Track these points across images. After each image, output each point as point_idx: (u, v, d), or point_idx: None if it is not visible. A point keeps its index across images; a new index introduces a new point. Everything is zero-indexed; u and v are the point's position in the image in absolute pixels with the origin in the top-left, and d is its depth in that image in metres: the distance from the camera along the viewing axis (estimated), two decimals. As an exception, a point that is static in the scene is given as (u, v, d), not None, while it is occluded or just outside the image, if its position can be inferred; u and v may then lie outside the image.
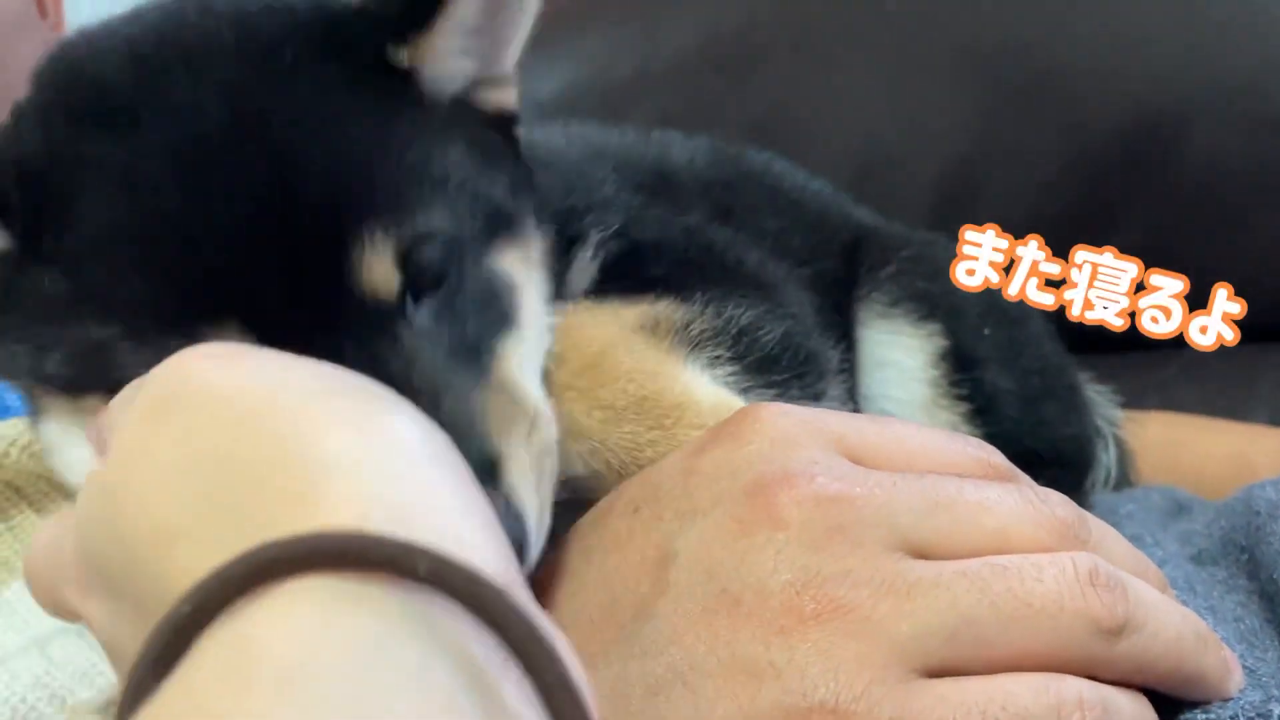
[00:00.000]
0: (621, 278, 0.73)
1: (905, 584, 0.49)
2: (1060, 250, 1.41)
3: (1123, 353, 1.22)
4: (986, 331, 0.99)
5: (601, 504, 0.61)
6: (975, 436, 0.91)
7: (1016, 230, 1.27)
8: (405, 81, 0.62)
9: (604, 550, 0.56)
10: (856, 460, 0.55)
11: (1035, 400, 0.99)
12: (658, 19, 1.76)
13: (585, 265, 0.74)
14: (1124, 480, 1.08)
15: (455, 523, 0.39)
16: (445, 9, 0.61)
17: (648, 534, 0.55)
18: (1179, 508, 0.88)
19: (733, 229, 0.90)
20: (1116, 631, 0.49)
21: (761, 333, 0.72)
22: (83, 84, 0.60)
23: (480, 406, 0.56)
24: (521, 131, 0.72)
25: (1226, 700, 0.53)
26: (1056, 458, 0.98)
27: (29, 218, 0.58)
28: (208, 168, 0.55)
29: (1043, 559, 0.50)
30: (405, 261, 0.56)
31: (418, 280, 0.57)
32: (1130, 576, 0.52)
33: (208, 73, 0.57)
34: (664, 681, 0.49)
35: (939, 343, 0.96)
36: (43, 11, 1.29)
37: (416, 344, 0.56)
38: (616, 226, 0.75)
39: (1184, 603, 0.57)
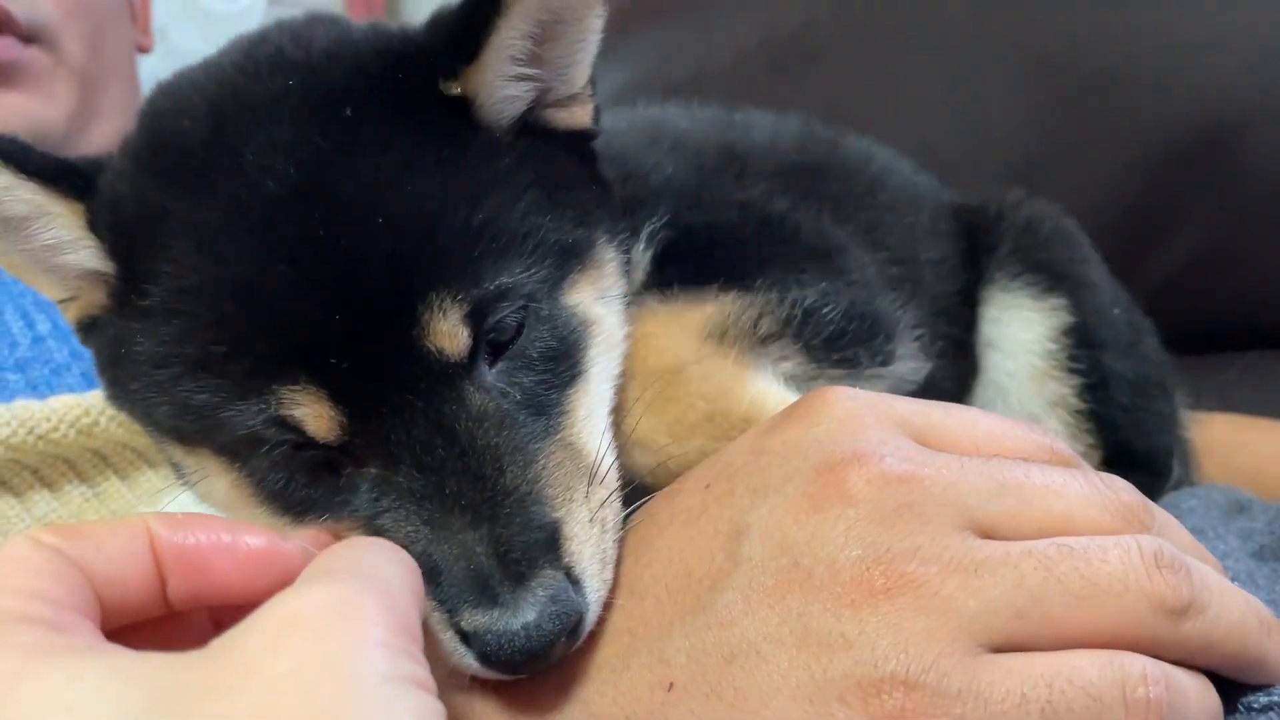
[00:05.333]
0: (679, 264, 0.74)
1: (973, 561, 0.50)
2: (1122, 253, 1.41)
3: (1183, 355, 1.21)
4: (1117, 311, 0.98)
5: (673, 483, 0.63)
6: (1082, 411, 0.92)
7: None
8: (463, 115, 0.63)
9: (677, 525, 0.58)
10: (923, 442, 0.56)
11: (1146, 393, 0.98)
12: (715, 20, 1.77)
13: (639, 258, 0.74)
14: (1186, 481, 1.08)
15: None
16: (490, 40, 0.62)
17: (720, 509, 0.57)
18: (1240, 506, 0.88)
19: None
20: (1181, 612, 0.50)
21: (826, 310, 0.73)
22: (165, 139, 0.62)
23: (543, 471, 0.58)
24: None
25: (1288, 684, 0.54)
26: (1146, 461, 0.97)
27: (124, 267, 0.61)
28: (274, 229, 0.56)
29: (1108, 540, 0.51)
30: (475, 323, 0.57)
31: (490, 339, 0.59)
32: (1194, 560, 0.52)
33: (275, 132, 0.58)
34: (739, 651, 0.51)
35: (1064, 318, 0.96)
36: (133, 15, 1.34)
37: (484, 406, 0.58)
38: (668, 217, 0.76)
39: (1246, 594, 0.58)
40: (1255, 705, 0.53)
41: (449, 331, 0.56)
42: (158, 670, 0.42)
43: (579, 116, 0.69)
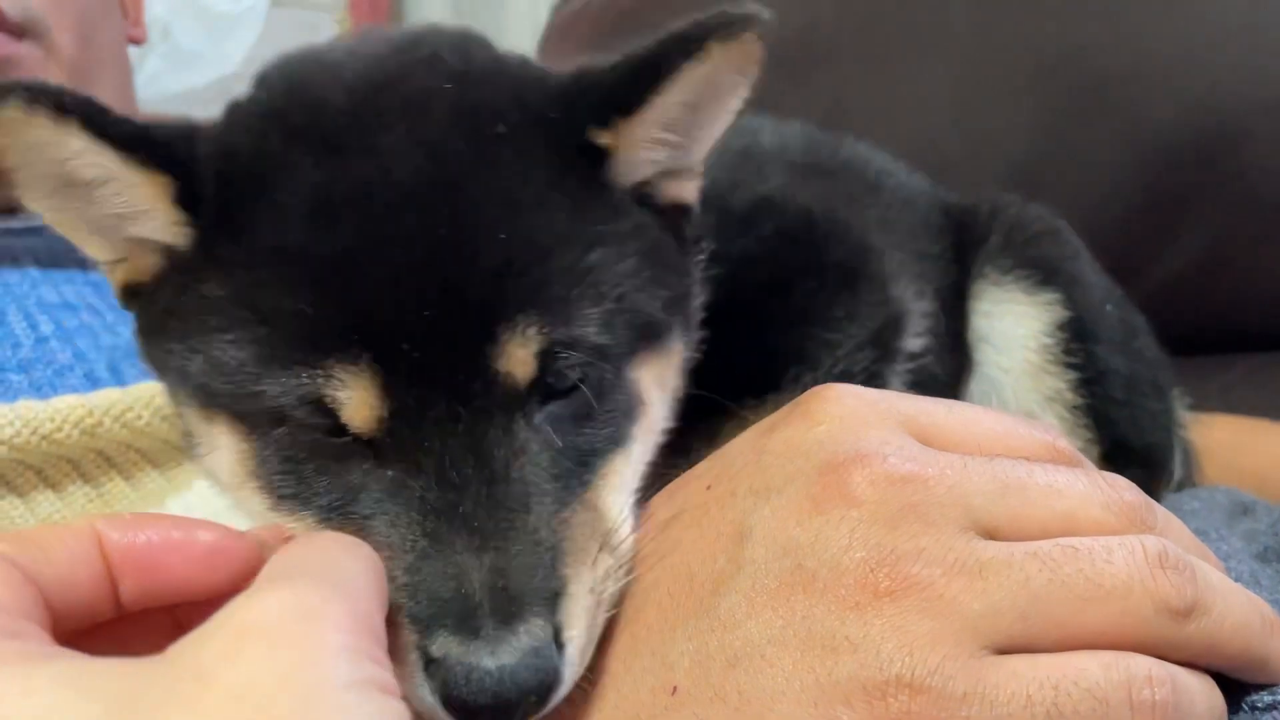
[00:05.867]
0: (728, 322, 0.74)
1: (977, 563, 0.50)
2: (1125, 254, 1.41)
3: (1186, 356, 1.21)
4: (1109, 308, 0.99)
5: (673, 482, 0.63)
6: (1079, 406, 0.94)
7: (1078, 236, 1.27)
8: (599, 165, 0.63)
9: (680, 526, 0.58)
10: (925, 442, 0.56)
11: (1140, 389, 0.98)
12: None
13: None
14: (1188, 482, 1.08)
15: None
16: (651, 100, 0.62)
17: (723, 511, 0.57)
18: (1243, 508, 0.88)
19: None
20: (1185, 613, 0.50)
21: (856, 360, 0.77)
22: (304, 101, 0.61)
23: (564, 524, 0.56)
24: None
25: (1291, 683, 0.54)
26: (1143, 456, 0.97)
27: (216, 215, 0.59)
28: (392, 214, 0.56)
29: (1113, 541, 0.51)
30: (545, 361, 0.57)
31: (551, 382, 0.58)
32: (1198, 560, 0.52)
33: (420, 125, 0.59)
34: (742, 654, 0.51)
35: (1059, 312, 0.97)
36: (124, 11, 1.35)
37: (527, 442, 0.57)
38: (712, 248, 0.75)
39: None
40: (1259, 705, 0.53)
41: (523, 359, 0.56)
42: (113, 679, 0.41)
43: (687, 191, 0.69)
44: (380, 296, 0.55)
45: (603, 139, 0.62)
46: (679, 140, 0.66)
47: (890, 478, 0.53)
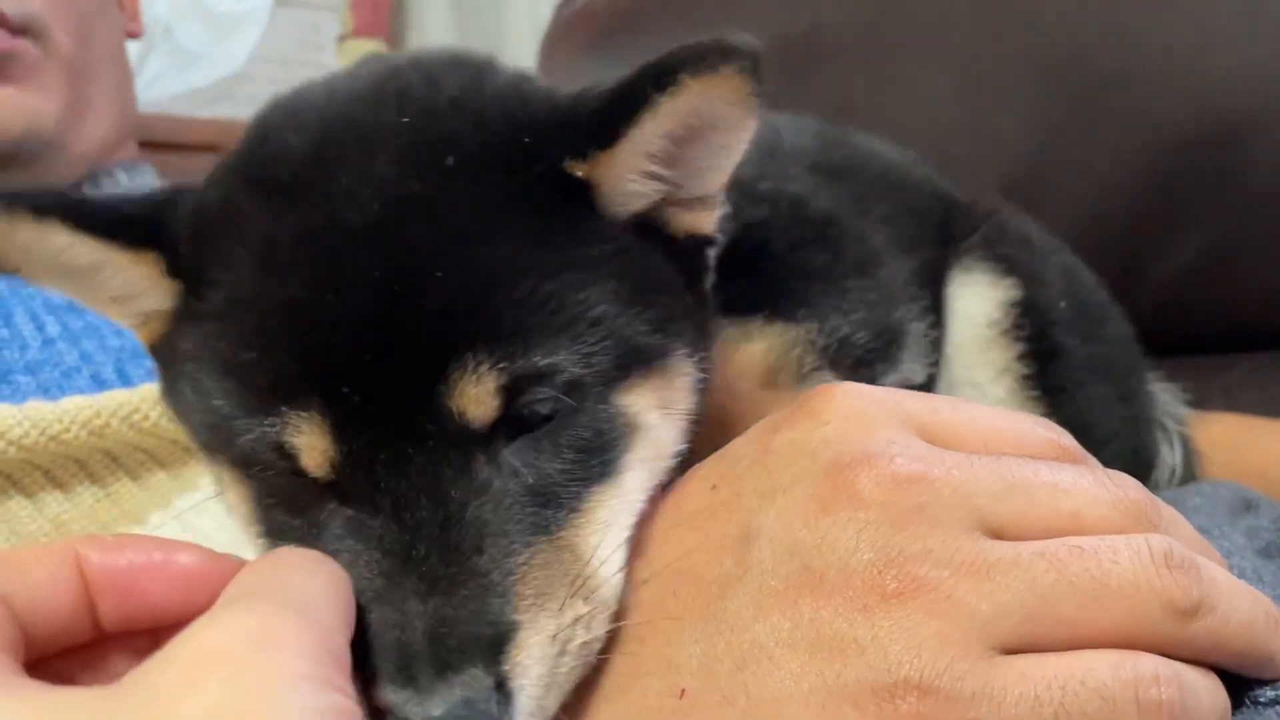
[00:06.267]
0: (735, 276, 0.74)
1: (985, 563, 0.50)
2: (1127, 254, 1.42)
3: (1187, 356, 1.22)
4: (1063, 305, 1.03)
5: (676, 483, 0.63)
6: (1029, 379, 0.99)
7: (1082, 235, 1.28)
8: (579, 197, 0.61)
9: (685, 528, 0.58)
10: (930, 440, 0.56)
11: (1095, 372, 1.02)
12: (722, 20, 1.77)
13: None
14: (1189, 478, 1.09)
15: None
16: (629, 133, 0.59)
17: (729, 512, 0.56)
18: (1246, 504, 0.88)
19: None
20: (1191, 612, 0.50)
21: (859, 337, 0.78)
22: (269, 147, 0.61)
23: (521, 566, 0.55)
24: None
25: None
26: (1111, 437, 1.00)
27: (192, 273, 0.60)
28: (338, 258, 0.55)
29: (1118, 540, 0.51)
30: (507, 396, 0.55)
31: (516, 418, 0.56)
32: (1203, 559, 0.52)
33: (374, 165, 0.57)
34: (750, 657, 0.51)
35: (1013, 293, 1.01)
36: (121, 4, 1.35)
37: (488, 480, 0.55)
38: (729, 209, 0.73)
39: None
40: (1261, 699, 0.53)
41: (476, 398, 0.55)
42: (71, 708, 0.40)
43: (701, 221, 0.67)
44: (324, 342, 0.54)
45: (579, 170, 0.60)
46: (675, 174, 0.63)
47: (897, 478, 0.53)
